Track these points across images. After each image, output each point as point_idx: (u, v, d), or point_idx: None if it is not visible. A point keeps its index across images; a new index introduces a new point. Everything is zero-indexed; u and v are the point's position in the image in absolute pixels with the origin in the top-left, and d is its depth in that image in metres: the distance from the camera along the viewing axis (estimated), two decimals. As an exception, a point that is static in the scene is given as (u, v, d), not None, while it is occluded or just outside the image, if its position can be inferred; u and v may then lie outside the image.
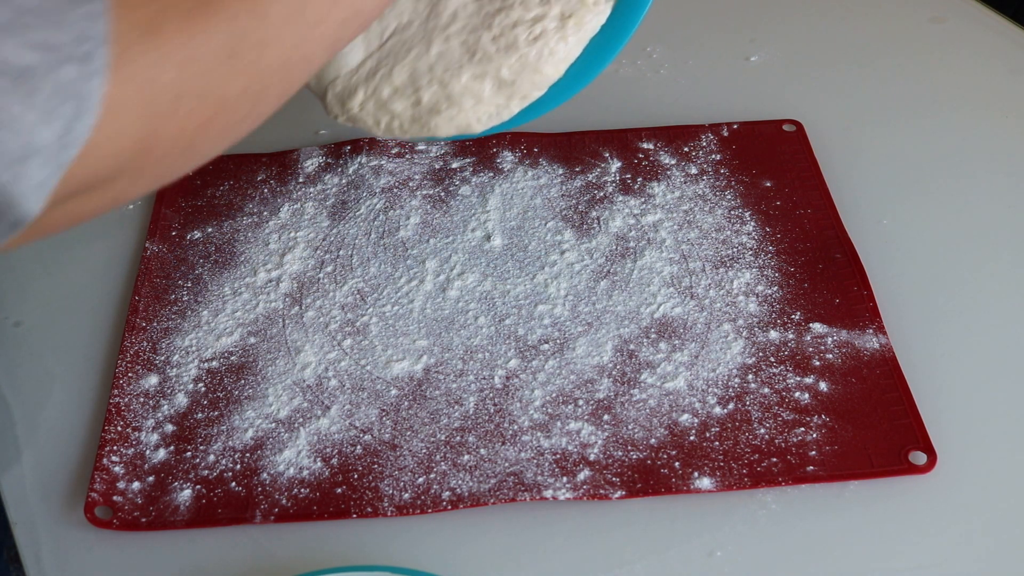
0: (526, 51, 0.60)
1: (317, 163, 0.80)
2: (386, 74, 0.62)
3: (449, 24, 0.62)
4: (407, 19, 0.62)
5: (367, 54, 0.63)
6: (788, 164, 0.78)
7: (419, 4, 0.62)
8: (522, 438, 0.60)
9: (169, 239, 0.74)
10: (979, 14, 0.93)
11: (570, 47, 0.61)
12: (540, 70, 0.61)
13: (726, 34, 0.93)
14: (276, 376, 0.65)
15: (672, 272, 0.70)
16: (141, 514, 0.58)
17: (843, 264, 0.70)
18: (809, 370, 0.63)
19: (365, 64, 0.63)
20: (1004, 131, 0.81)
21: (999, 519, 0.57)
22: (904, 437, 0.59)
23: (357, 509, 0.57)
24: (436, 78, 0.61)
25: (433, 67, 0.61)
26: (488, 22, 0.61)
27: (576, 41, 0.61)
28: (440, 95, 0.62)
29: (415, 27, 0.62)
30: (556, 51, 0.60)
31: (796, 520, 0.57)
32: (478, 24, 0.61)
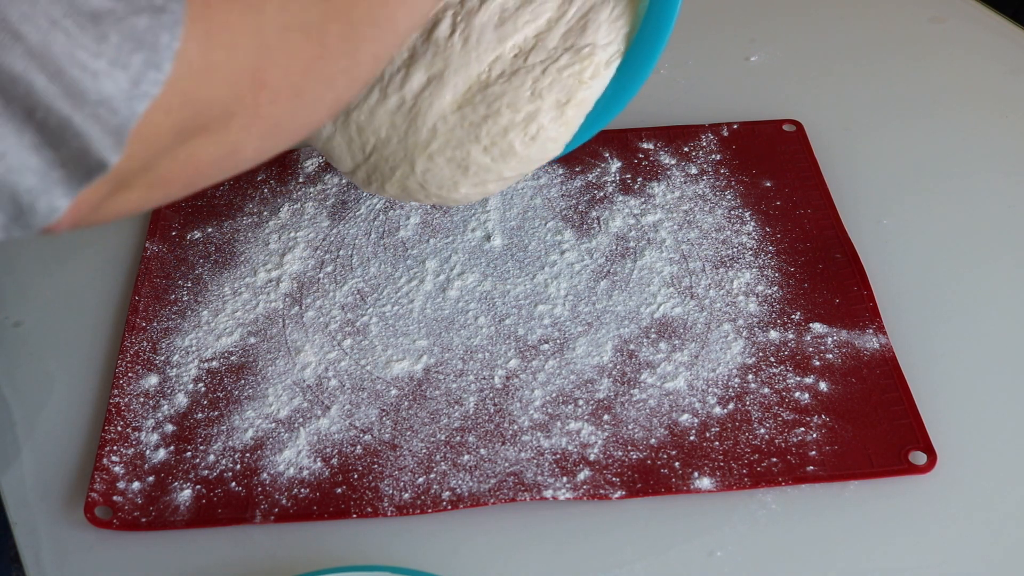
0: (525, 153, 0.59)
1: (317, 163, 0.80)
2: (379, 186, 0.62)
3: (430, 141, 0.59)
4: (384, 134, 0.60)
5: (354, 164, 0.62)
6: (788, 164, 0.78)
7: (396, 117, 0.60)
8: (522, 438, 0.60)
9: (169, 239, 0.74)
10: (979, 14, 0.93)
11: (572, 125, 0.59)
12: (545, 158, 0.60)
13: (726, 34, 0.93)
14: (276, 376, 0.65)
15: (672, 272, 0.70)
16: (141, 514, 0.58)
17: (843, 264, 0.70)
18: (809, 370, 0.63)
19: (356, 173, 0.62)
20: (1004, 131, 0.81)
21: (999, 519, 0.57)
22: (904, 437, 0.59)
23: (357, 509, 0.57)
24: (431, 193, 0.61)
25: (425, 184, 0.60)
26: (475, 134, 0.59)
27: (577, 116, 0.59)
28: (439, 199, 0.61)
29: (394, 144, 0.60)
30: (558, 137, 0.59)
31: (796, 520, 0.57)
32: (463, 138, 0.59)
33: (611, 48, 0.58)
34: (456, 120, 0.59)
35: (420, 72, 0.59)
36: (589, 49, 0.58)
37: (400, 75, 0.60)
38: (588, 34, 0.58)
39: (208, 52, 0.37)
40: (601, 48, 0.58)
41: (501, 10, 0.59)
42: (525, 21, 0.59)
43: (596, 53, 0.58)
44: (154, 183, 0.39)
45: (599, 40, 0.58)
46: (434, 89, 0.59)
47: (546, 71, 0.58)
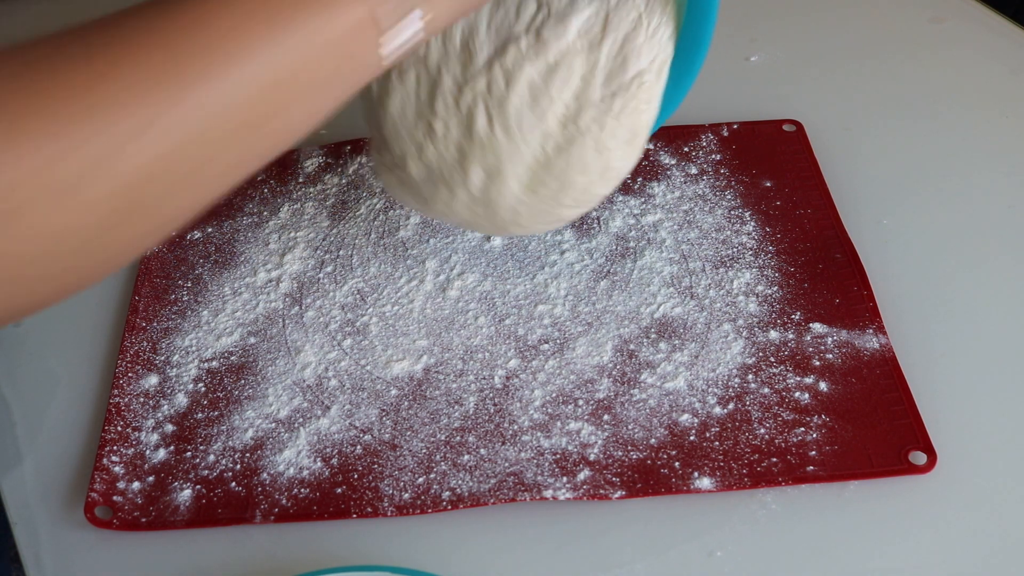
0: (609, 189, 0.60)
1: (317, 163, 0.80)
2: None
3: (516, 219, 0.59)
4: (471, 219, 0.60)
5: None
6: (788, 164, 0.78)
7: (474, 208, 0.59)
8: (522, 438, 0.60)
9: (169, 239, 0.74)
10: (979, 14, 0.93)
11: (642, 145, 0.58)
12: (625, 174, 0.60)
13: (726, 34, 0.93)
14: (276, 376, 0.65)
15: (672, 272, 0.70)
16: (141, 514, 0.58)
17: (843, 264, 0.70)
18: (809, 370, 0.63)
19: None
20: (1004, 131, 0.81)
21: (999, 519, 0.57)
22: (904, 437, 0.59)
23: (357, 509, 0.57)
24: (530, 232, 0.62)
25: (523, 232, 0.62)
26: (557, 201, 0.58)
27: (645, 137, 0.58)
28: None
29: (485, 225, 0.60)
30: (633, 160, 0.59)
31: (796, 520, 0.57)
32: (547, 208, 0.59)
33: (658, 60, 0.56)
34: (533, 200, 0.58)
35: (476, 169, 0.57)
36: (637, 81, 0.55)
37: (458, 172, 0.58)
38: (631, 66, 0.56)
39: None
40: (649, 71, 0.56)
41: (530, 87, 0.56)
42: (558, 89, 0.56)
43: (645, 78, 0.56)
44: None
45: (643, 64, 0.56)
46: (497, 182, 0.57)
47: (604, 126, 0.56)
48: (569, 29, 0.56)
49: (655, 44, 0.56)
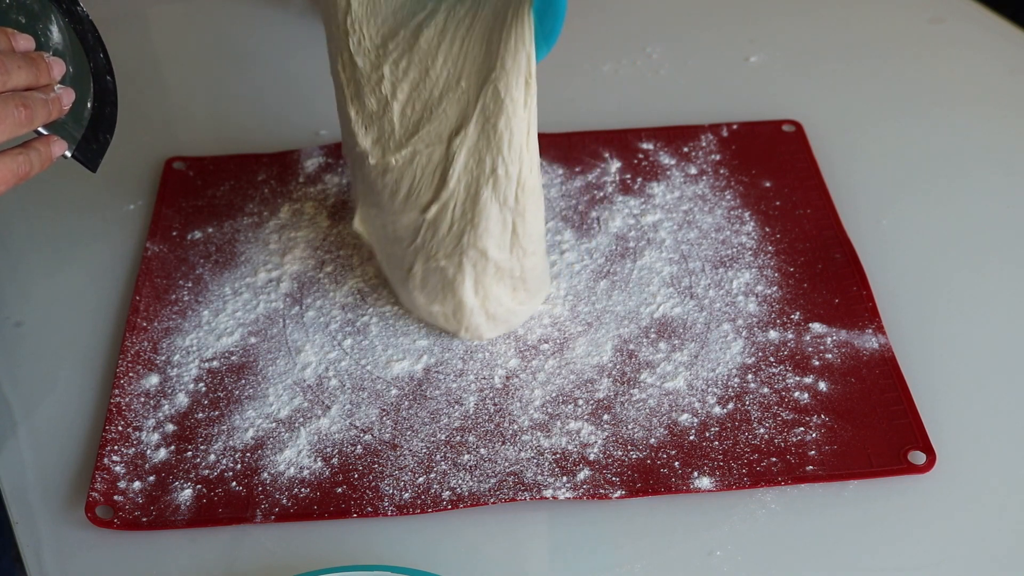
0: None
1: (317, 163, 0.80)
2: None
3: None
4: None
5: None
6: (788, 164, 0.78)
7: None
8: (522, 438, 0.61)
9: (170, 239, 0.74)
10: (978, 15, 0.93)
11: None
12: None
13: (726, 34, 0.93)
14: (276, 376, 0.65)
15: (672, 272, 0.70)
16: (142, 514, 0.58)
17: (842, 264, 0.70)
18: (808, 370, 0.63)
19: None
20: (1003, 131, 0.81)
21: (999, 519, 0.57)
22: (903, 437, 0.59)
23: (357, 509, 0.58)
24: None
25: None
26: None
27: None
28: None
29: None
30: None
31: (796, 520, 0.57)
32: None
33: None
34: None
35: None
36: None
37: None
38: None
39: None
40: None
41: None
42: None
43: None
44: None
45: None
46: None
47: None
48: None
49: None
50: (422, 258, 0.64)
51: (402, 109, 0.61)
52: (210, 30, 0.98)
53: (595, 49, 0.91)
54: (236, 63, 0.94)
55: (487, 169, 0.60)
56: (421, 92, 0.60)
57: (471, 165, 0.60)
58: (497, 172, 0.60)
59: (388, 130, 0.62)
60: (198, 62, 0.96)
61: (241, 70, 0.93)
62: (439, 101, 0.60)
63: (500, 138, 0.59)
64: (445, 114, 0.60)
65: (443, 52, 0.59)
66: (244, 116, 0.87)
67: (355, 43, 0.61)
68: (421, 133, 0.60)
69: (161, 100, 0.92)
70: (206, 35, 0.98)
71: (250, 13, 0.98)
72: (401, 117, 0.61)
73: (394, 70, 0.60)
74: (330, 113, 0.66)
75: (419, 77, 0.60)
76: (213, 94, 0.92)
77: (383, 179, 0.63)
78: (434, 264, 0.63)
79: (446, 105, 0.59)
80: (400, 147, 0.61)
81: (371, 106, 0.61)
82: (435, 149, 0.61)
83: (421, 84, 0.60)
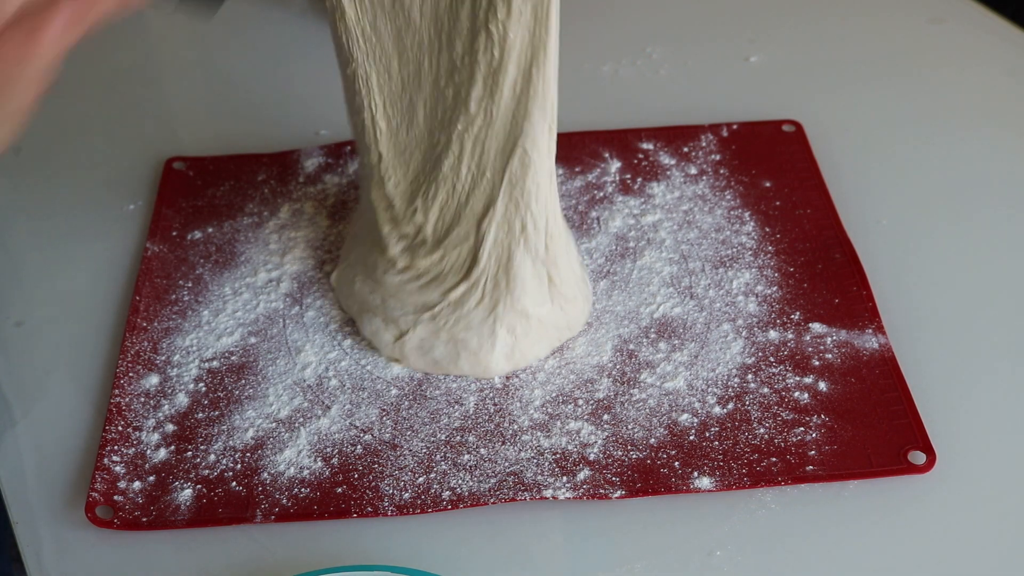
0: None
1: (317, 163, 0.80)
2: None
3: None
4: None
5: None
6: (788, 164, 0.78)
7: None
8: (522, 438, 0.61)
9: (169, 239, 0.74)
10: (978, 15, 0.93)
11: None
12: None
13: (726, 34, 0.93)
14: (276, 376, 0.65)
15: (672, 272, 0.70)
16: (142, 514, 0.58)
17: (842, 264, 0.70)
18: (808, 370, 0.63)
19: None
20: (1003, 131, 0.81)
21: (999, 519, 0.57)
22: (903, 437, 0.59)
23: (357, 509, 0.58)
24: None
25: None
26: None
27: None
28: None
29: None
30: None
31: (796, 520, 0.57)
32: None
33: None
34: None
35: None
36: None
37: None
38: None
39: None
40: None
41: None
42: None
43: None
44: None
45: None
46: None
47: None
48: None
49: None
50: (428, 329, 0.63)
51: (434, 225, 0.62)
52: (210, 30, 0.97)
53: (595, 49, 0.91)
54: (236, 63, 0.94)
55: (517, 231, 0.61)
56: (450, 204, 0.61)
57: (501, 236, 0.61)
58: (527, 229, 0.61)
59: (419, 241, 0.63)
60: (198, 62, 0.96)
61: (241, 70, 0.93)
62: (467, 202, 0.61)
63: (528, 196, 0.60)
64: (472, 209, 0.61)
65: (466, 164, 0.60)
66: (244, 116, 0.87)
67: (392, 186, 0.62)
68: (452, 236, 0.62)
69: (161, 100, 0.92)
70: (206, 35, 0.98)
71: (250, 13, 0.98)
72: (434, 231, 0.62)
73: (425, 199, 0.61)
74: (330, 113, 0.66)
75: (447, 196, 0.61)
76: (213, 94, 0.92)
77: (402, 275, 0.64)
78: (447, 336, 0.63)
79: (473, 202, 0.60)
80: (431, 252, 0.62)
81: (408, 231, 0.63)
82: (464, 241, 0.61)
83: (449, 199, 0.61)
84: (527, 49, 0.56)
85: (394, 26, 0.58)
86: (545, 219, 0.61)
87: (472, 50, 0.57)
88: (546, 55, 0.57)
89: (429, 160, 0.61)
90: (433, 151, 0.60)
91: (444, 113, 0.59)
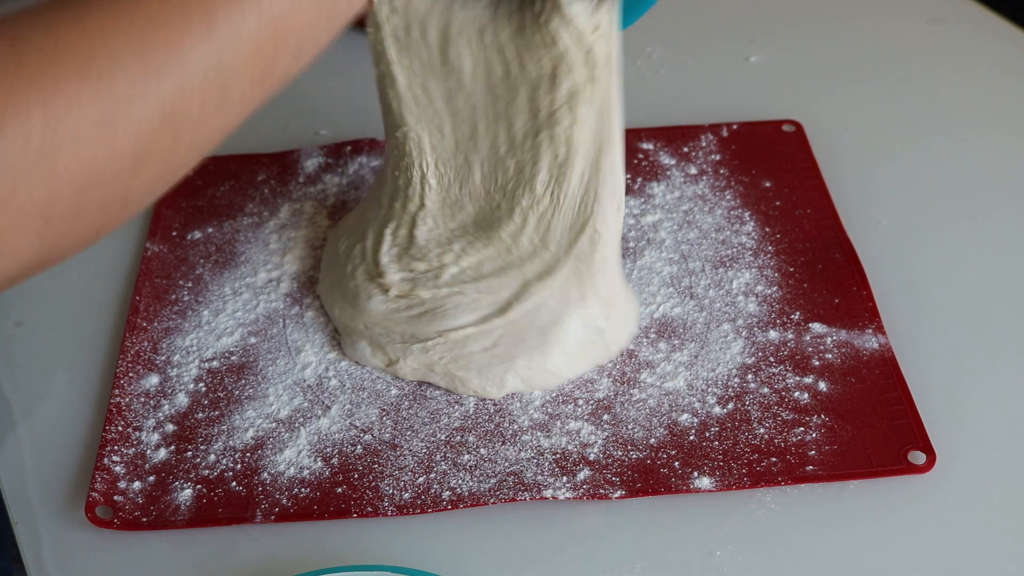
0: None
1: (317, 163, 0.80)
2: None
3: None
4: None
5: None
6: (787, 164, 0.78)
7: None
8: (522, 438, 0.61)
9: (170, 239, 0.74)
10: (978, 15, 0.93)
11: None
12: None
13: (726, 34, 0.93)
14: (276, 376, 0.65)
15: (672, 272, 0.70)
16: (142, 514, 0.58)
17: (842, 264, 0.70)
18: (808, 370, 0.63)
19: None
20: (1003, 132, 0.81)
21: (999, 519, 0.57)
22: (903, 437, 0.59)
23: (357, 509, 0.58)
24: None
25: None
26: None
27: None
28: None
29: None
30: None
31: (796, 520, 0.57)
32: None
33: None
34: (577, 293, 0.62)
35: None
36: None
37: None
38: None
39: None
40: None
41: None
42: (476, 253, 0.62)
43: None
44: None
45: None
46: (537, 312, 0.62)
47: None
48: None
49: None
50: (420, 361, 0.63)
51: (463, 270, 0.62)
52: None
53: (595, 49, 0.91)
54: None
55: (573, 299, 0.61)
56: (498, 260, 0.62)
57: (552, 302, 0.61)
58: (587, 299, 0.62)
59: (430, 275, 0.63)
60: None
61: (241, 70, 0.93)
62: (520, 265, 0.61)
63: (595, 270, 0.61)
64: (525, 272, 0.61)
65: (527, 236, 0.61)
66: (244, 116, 0.87)
67: (425, 231, 0.63)
68: (484, 283, 0.62)
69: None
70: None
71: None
72: (459, 274, 0.62)
73: (464, 249, 0.62)
74: (330, 113, 0.66)
75: (498, 253, 0.62)
76: (213, 94, 0.91)
77: (390, 304, 0.63)
78: (443, 370, 0.63)
79: (529, 267, 0.61)
80: (440, 287, 0.62)
81: (420, 267, 0.63)
82: (497, 292, 0.61)
83: (499, 257, 0.62)
84: (593, 145, 0.57)
85: (444, 87, 0.59)
86: (609, 290, 0.62)
87: (535, 143, 0.58)
88: (611, 145, 0.57)
89: (483, 216, 0.61)
90: (490, 211, 0.61)
91: (506, 182, 0.60)
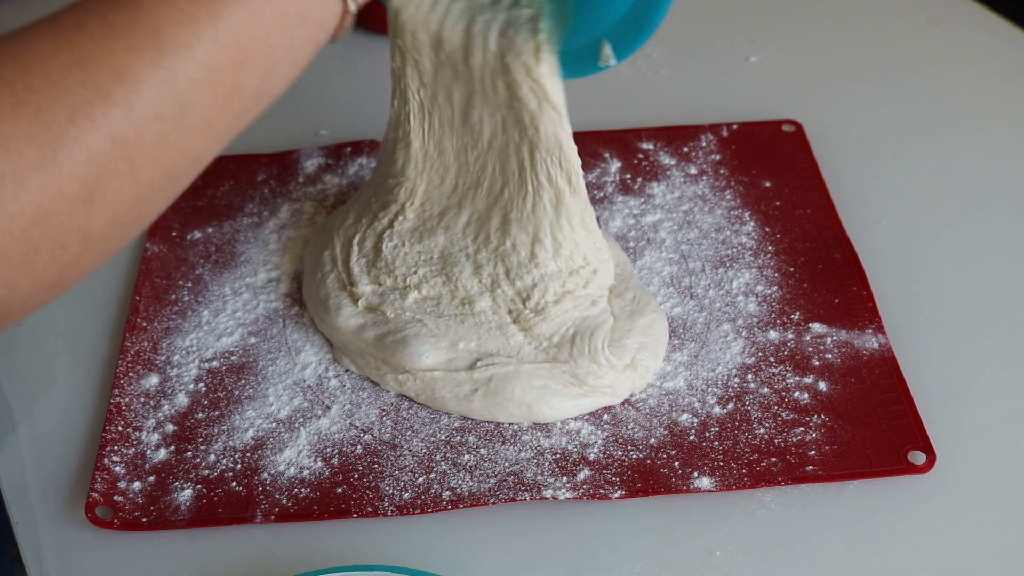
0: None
1: (317, 163, 0.80)
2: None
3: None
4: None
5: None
6: (788, 164, 0.78)
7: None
8: (522, 438, 0.61)
9: (169, 239, 0.74)
10: (978, 15, 0.93)
11: None
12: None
13: (726, 34, 0.93)
14: (276, 376, 0.65)
15: (672, 272, 0.70)
16: (142, 514, 0.58)
17: (842, 264, 0.70)
18: (808, 370, 0.63)
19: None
20: (1003, 132, 0.81)
21: (999, 519, 0.57)
22: (903, 437, 0.59)
23: (357, 509, 0.58)
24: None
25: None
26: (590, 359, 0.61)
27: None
28: None
29: None
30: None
31: (796, 520, 0.57)
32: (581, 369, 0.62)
33: None
34: (562, 372, 0.61)
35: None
36: None
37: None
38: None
39: None
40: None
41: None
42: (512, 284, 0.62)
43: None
44: None
45: None
46: (516, 383, 0.61)
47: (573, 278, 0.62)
48: None
49: None
50: (399, 381, 0.63)
51: (425, 300, 0.64)
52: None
53: (595, 49, 0.91)
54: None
55: (555, 382, 0.62)
56: (451, 303, 0.63)
57: (532, 380, 0.62)
58: (579, 383, 0.62)
59: (394, 293, 0.64)
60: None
61: (241, 70, 0.93)
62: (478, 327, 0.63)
63: (582, 362, 0.62)
64: (481, 341, 0.62)
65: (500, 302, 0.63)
66: (244, 116, 0.87)
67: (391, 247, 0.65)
68: (440, 321, 0.63)
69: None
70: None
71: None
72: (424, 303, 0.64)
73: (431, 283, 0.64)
74: (330, 113, 0.66)
75: (451, 297, 0.64)
76: (213, 94, 0.91)
77: (360, 318, 0.64)
78: (424, 398, 0.63)
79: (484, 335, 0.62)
80: (403, 311, 0.63)
81: (387, 283, 0.64)
82: (452, 337, 0.62)
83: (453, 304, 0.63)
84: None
85: (460, 142, 0.60)
86: (606, 358, 0.61)
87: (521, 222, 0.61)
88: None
89: (450, 254, 0.63)
90: (459, 251, 0.63)
91: (485, 240, 0.62)
